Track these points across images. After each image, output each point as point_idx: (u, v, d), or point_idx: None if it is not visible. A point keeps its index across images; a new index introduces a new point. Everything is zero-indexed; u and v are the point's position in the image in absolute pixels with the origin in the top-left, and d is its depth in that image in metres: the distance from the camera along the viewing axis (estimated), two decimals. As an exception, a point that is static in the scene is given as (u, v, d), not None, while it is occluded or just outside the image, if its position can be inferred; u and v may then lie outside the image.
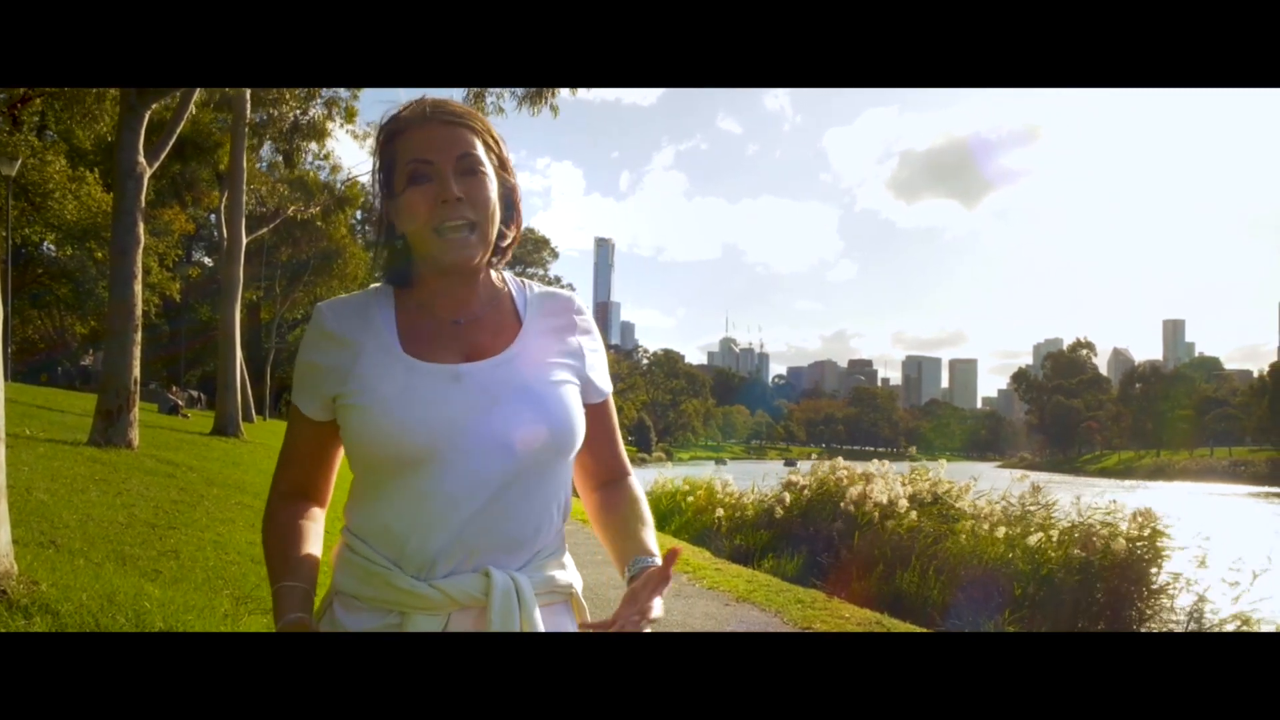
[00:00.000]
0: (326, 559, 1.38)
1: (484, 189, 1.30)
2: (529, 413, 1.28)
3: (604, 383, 1.42)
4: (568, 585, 1.35)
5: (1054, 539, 6.96)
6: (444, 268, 1.31)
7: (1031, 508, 7.90)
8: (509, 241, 1.40)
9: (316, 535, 1.37)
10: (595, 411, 1.41)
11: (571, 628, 1.36)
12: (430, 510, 1.25)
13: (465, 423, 1.25)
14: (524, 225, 1.43)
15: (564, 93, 16.15)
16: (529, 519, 1.29)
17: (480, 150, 1.31)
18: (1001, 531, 7.23)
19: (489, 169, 1.32)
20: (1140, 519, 6.87)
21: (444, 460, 1.24)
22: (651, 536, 1.38)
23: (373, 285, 1.41)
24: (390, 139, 1.33)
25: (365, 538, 1.30)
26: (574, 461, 1.39)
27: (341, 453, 1.39)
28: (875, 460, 10.28)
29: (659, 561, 1.31)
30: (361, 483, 1.32)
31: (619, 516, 1.42)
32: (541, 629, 1.26)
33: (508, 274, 1.43)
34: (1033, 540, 6.93)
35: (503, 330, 1.36)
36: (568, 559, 1.39)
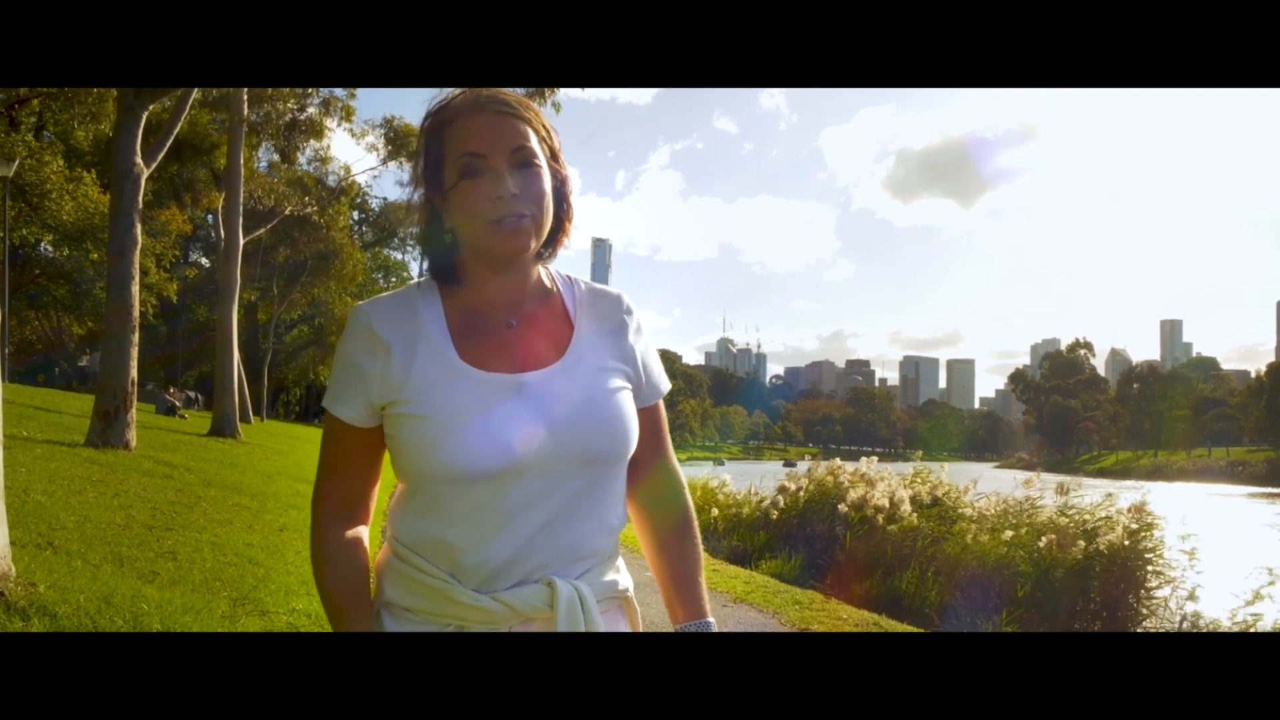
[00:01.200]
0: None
1: (538, 182, 1.24)
2: (591, 425, 1.24)
3: (656, 386, 1.39)
4: (624, 590, 1.33)
5: (1064, 536, 6.93)
6: (498, 259, 1.25)
7: (1038, 508, 7.87)
8: (561, 235, 1.34)
9: (368, 564, 1.32)
10: (646, 415, 1.37)
11: (626, 630, 1.35)
12: (491, 526, 1.21)
13: (529, 438, 1.21)
14: None
15: (563, 91, 16.16)
16: (590, 529, 1.26)
17: (534, 141, 1.26)
18: (1009, 535, 7.22)
19: (542, 161, 1.26)
20: (1135, 513, 6.87)
21: (507, 476, 1.20)
22: (701, 586, 1.37)
23: (413, 282, 1.35)
24: (439, 129, 1.26)
25: (419, 550, 1.25)
26: None
27: (384, 460, 1.33)
28: (863, 459, 10.23)
29: (712, 627, 1.34)
30: (413, 494, 1.27)
31: (671, 556, 1.38)
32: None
33: (555, 270, 1.39)
34: (1042, 542, 6.91)
35: (556, 334, 1.31)
36: (620, 561, 1.37)
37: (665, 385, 1.41)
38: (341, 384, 1.28)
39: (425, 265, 1.34)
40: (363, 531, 1.33)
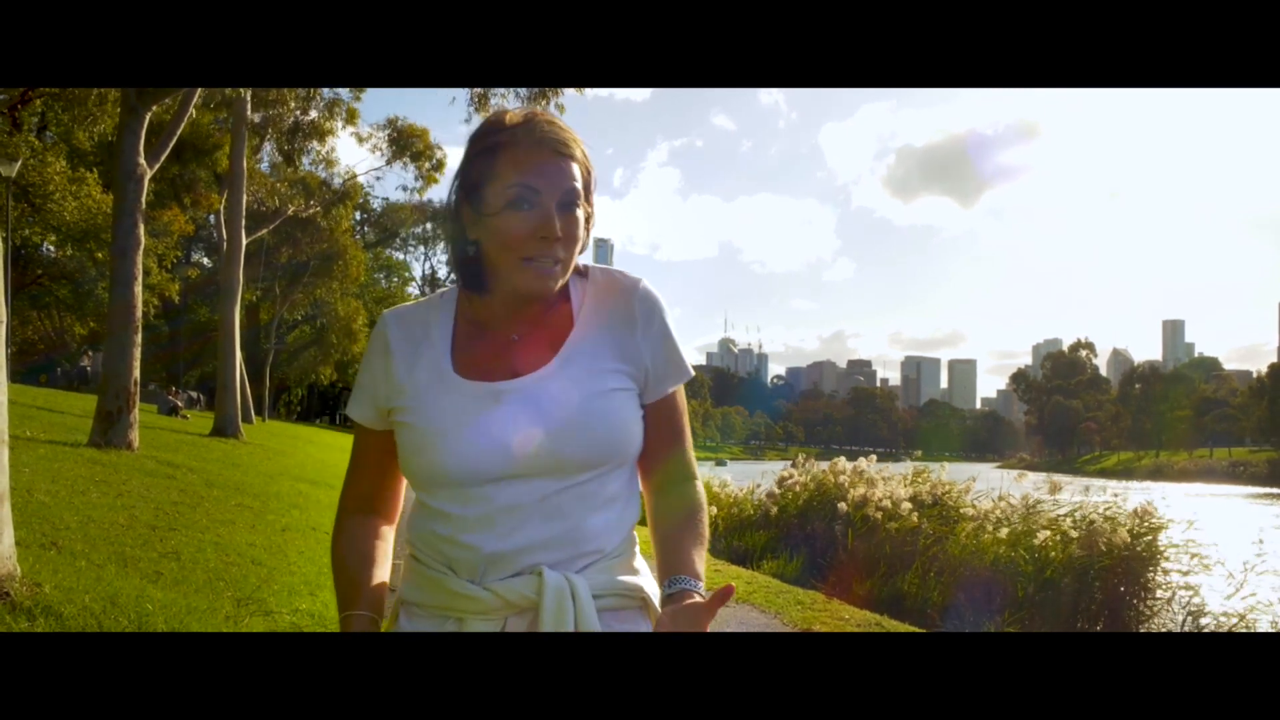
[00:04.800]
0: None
1: (577, 226, 1.26)
2: (572, 430, 1.24)
3: (666, 379, 1.34)
4: (636, 589, 1.31)
5: (1068, 535, 6.93)
6: (521, 295, 1.27)
7: (1039, 507, 7.88)
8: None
9: (385, 556, 1.37)
10: (655, 409, 1.35)
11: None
12: (478, 525, 1.24)
13: (506, 444, 1.23)
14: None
15: (568, 92, 16.11)
16: (581, 526, 1.27)
17: (579, 184, 1.27)
18: (1005, 531, 7.23)
19: (583, 203, 1.28)
20: (1141, 514, 6.87)
21: (488, 480, 1.23)
22: (700, 555, 1.31)
23: (441, 290, 1.40)
24: (494, 150, 1.25)
25: (422, 546, 1.30)
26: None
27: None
28: (861, 458, 10.21)
29: (700, 587, 1.24)
30: (417, 494, 1.32)
31: (672, 526, 1.33)
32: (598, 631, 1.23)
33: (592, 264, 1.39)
34: (1039, 539, 6.92)
35: (555, 338, 1.31)
36: (640, 564, 1.36)
37: (682, 375, 1.36)
38: (357, 386, 1.36)
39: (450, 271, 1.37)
40: (382, 528, 1.39)
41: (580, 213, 1.27)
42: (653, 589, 1.34)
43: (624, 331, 1.32)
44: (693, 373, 1.39)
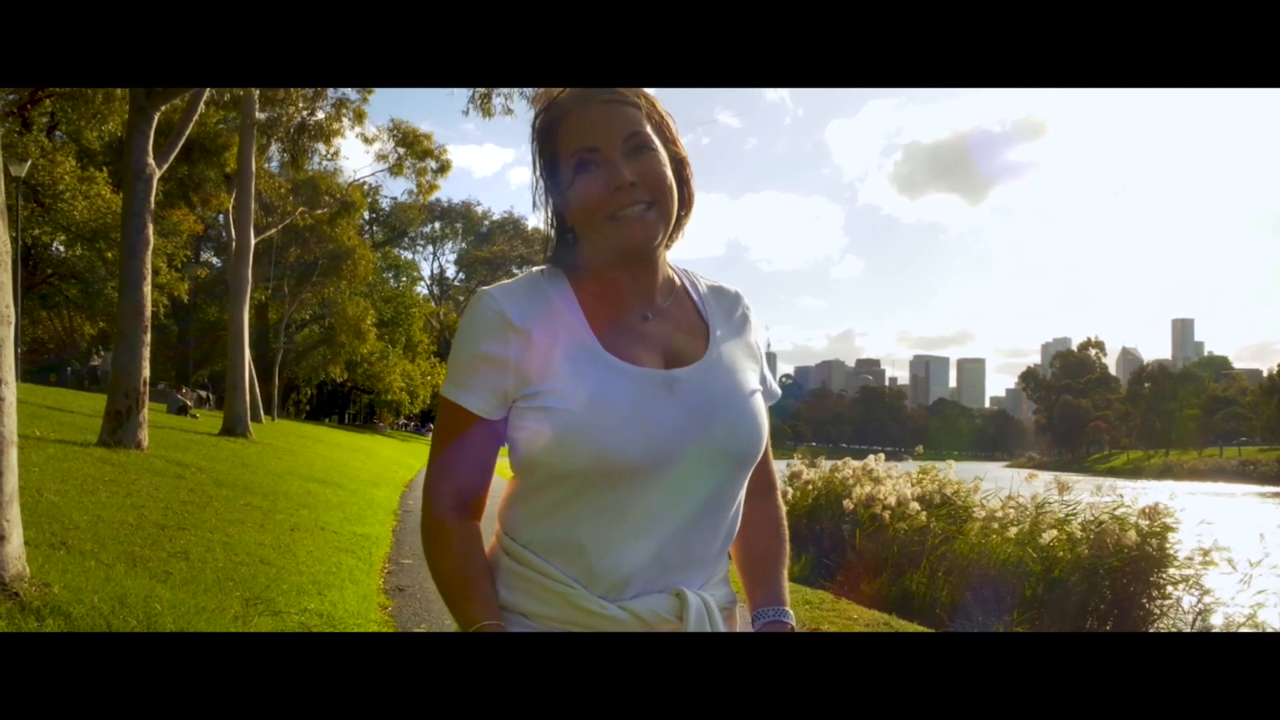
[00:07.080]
0: None
1: (656, 166, 1.21)
2: (736, 423, 1.22)
3: (773, 386, 1.35)
4: (733, 599, 1.32)
5: (1075, 535, 6.90)
6: (624, 254, 1.21)
7: (1049, 506, 7.85)
8: (683, 220, 1.30)
9: (486, 557, 1.28)
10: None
11: None
12: (631, 527, 1.17)
13: (683, 435, 1.17)
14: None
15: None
16: (718, 535, 1.25)
17: (647, 127, 1.22)
18: (1013, 531, 7.20)
19: (658, 145, 1.23)
20: (1150, 514, 6.83)
21: (653, 474, 1.16)
22: (785, 578, 1.34)
23: (535, 269, 1.30)
24: (549, 129, 1.24)
25: (543, 553, 1.21)
26: None
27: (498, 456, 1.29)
28: (871, 456, 10.19)
29: (790, 617, 1.28)
30: (540, 491, 1.22)
31: (760, 545, 1.35)
32: None
33: (673, 263, 1.35)
34: (1046, 537, 6.89)
35: (693, 330, 1.29)
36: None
37: (777, 388, 1.38)
38: (469, 373, 1.21)
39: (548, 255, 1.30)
40: (478, 528, 1.28)
41: (655, 154, 1.22)
42: (735, 593, 1.35)
43: (747, 334, 1.34)
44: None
